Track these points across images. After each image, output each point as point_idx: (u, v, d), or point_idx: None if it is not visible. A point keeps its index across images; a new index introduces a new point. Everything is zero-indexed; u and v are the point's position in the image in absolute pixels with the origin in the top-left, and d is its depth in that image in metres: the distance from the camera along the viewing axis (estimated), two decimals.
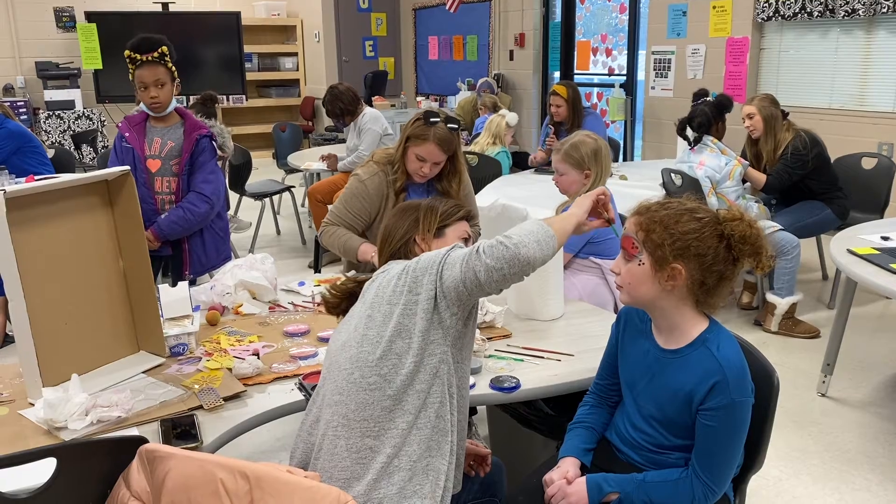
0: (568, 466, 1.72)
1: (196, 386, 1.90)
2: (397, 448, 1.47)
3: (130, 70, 3.15)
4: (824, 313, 4.26)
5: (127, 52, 3.09)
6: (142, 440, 1.42)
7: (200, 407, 1.80)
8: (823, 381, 3.34)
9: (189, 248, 3.38)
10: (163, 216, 3.27)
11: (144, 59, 3.11)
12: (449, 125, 2.72)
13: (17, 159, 4.07)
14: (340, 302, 1.75)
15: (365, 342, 1.52)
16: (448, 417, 1.51)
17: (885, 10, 5.10)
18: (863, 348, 3.80)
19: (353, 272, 2.89)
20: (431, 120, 2.70)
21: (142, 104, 3.20)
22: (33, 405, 1.78)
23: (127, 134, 3.18)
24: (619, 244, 1.67)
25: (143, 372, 2.01)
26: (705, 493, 1.58)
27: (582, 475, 1.70)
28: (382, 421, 1.48)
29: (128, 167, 2.02)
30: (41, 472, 1.36)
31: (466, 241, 1.80)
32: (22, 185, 1.86)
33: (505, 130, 5.60)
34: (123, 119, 3.30)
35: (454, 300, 1.49)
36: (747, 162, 4.23)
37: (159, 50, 3.13)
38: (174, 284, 2.27)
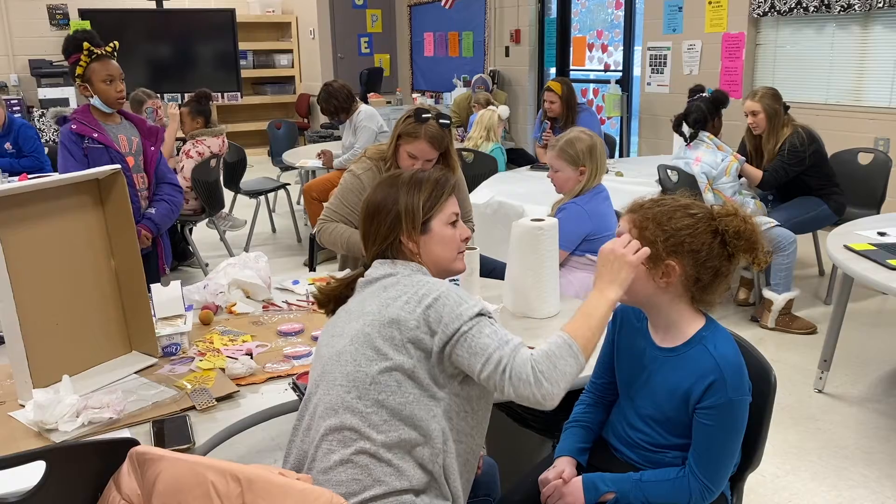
0: (564, 466, 1.70)
1: (189, 386, 1.88)
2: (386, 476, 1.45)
3: (83, 63, 3.05)
4: (821, 309, 4.25)
5: (86, 45, 3.02)
6: (132, 442, 1.41)
7: (193, 408, 1.78)
8: (820, 378, 3.33)
9: (163, 243, 3.39)
10: (152, 211, 3.25)
11: (102, 52, 3.06)
12: (440, 122, 2.71)
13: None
14: (329, 302, 1.72)
15: (363, 361, 1.49)
16: (438, 462, 1.48)
17: (880, 5, 5.09)
18: (860, 344, 3.80)
19: (347, 270, 2.88)
20: (423, 117, 2.69)
21: (96, 99, 3.12)
22: (24, 407, 1.76)
23: (96, 134, 3.12)
24: None
25: (136, 372, 1.99)
26: (702, 492, 1.57)
27: (578, 475, 1.69)
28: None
29: (118, 166, 2.00)
30: (31, 474, 1.34)
31: (455, 222, 1.68)
32: (12, 184, 1.84)
33: (497, 123, 5.58)
34: (74, 119, 3.15)
35: (456, 368, 1.48)
36: (744, 158, 4.22)
37: (113, 43, 3.09)
38: (152, 282, 2.25)
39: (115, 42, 3.08)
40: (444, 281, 1.56)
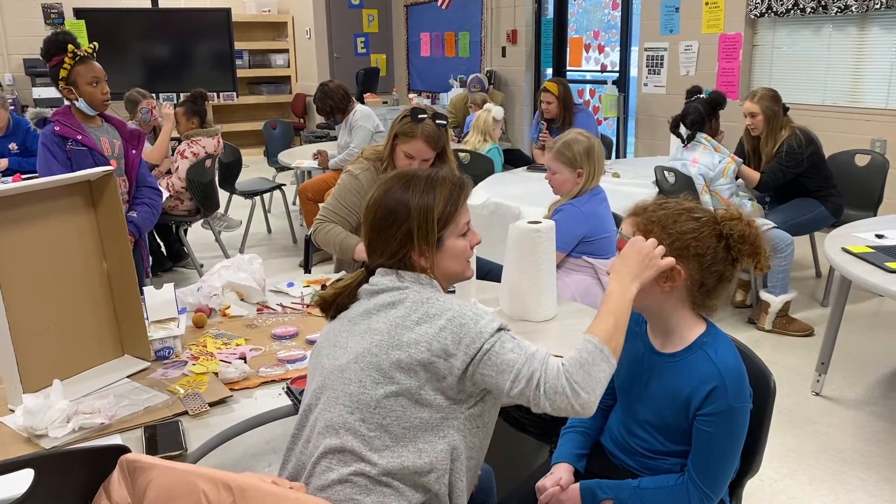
0: (561, 473, 1.68)
1: (181, 391, 1.86)
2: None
3: (67, 66, 3.00)
4: (818, 311, 4.24)
5: (70, 47, 2.98)
6: (123, 449, 1.38)
7: (185, 413, 1.76)
8: (818, 380, 3.31)
9: (144, 246, 3.38)
10: (134, 215, 3.24)
11: (84, 53, 3.03)
12: (437, 121, 2.69)
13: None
14: (331, 308, 1.63)
15: (368, 383, 1.44)
16: (444, 481, 1.44)
17: (877, 7, 5.08)
18: (857, 346, 3.79)
19: (343, 272, 2.85)
20: (419, 117, 2.67)
21: (81, 102, 3.08)
22: (13, 412, 1.74)
23: (79, 136, 3.08)
24: (613, 243, 1.63)
25: (128, 376, 1.96)
26: (701, 500, 1.55)
27: (576, 481, 1.67)
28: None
29: (111, 167, 1.98)
30: (18, 482, 1.32)
31: (466, 232, 1.61)
32: (2, 185, 1.82)
33: (493, 125, 5.55)
34: (56, 121, 3.09)
35: (479, 388, 1.45)
36: (741, 160, 4.21)
37: (93, 44, 3.06)
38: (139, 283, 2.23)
39: (96, 43, 3.05)
40: (453, 297, 1.51)
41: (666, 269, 1.52)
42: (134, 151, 3.26)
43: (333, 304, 1.61)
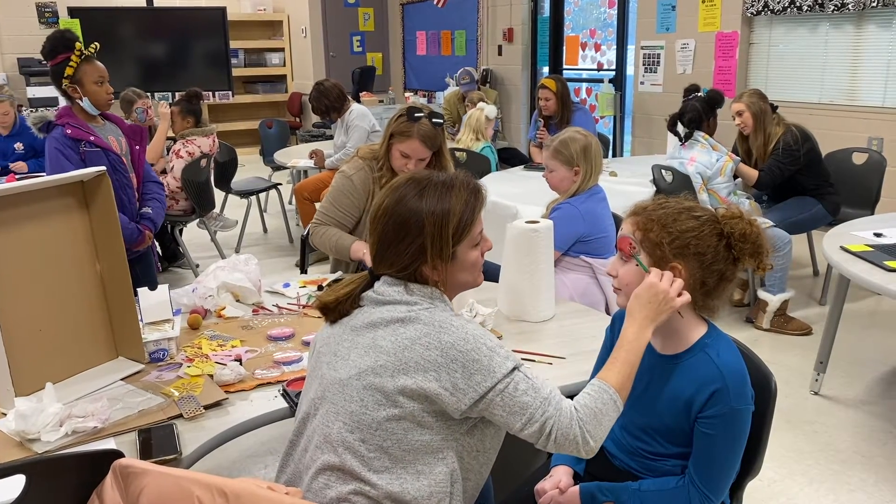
0: (560, 475, 1.67)
1: (176, 393, 1.84)
2: None
3: (73, 64, 2.99)
4: (816, 309, 4.24)
5: (78, 45, 2.97)
6: (116, 454, 1.36)
7: (180, 416, 1.74)
8: (816, 380, 3.30)
9: (153, 242, 3.39)
10: (149, 210, 3.24)
11: (88, 52, 3.03)
12: (433, 121, 2.67)
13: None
14: (333, 313, 1.56)
15: (370, 404, 1.40)
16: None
17: (874, 5, 5.08)
18: (855, 345, 3.78)
19: (339, 272, 2.84)
20: (415, 116, 2.66)
21: (85, 101, 3.06)
22: (5, 416, 1.71)
23: (92, 137, 3.06)
24: (612, 243, 1.61)
25: (122, 379, 1.94)
26: (702, 502, 1.53)
27: (575, 484, 1.65)
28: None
29: (104, 168, 1.95)
30: (9, 488, 1.30)
31: (478, 243, 1.56)
32: None
33: (485, 124, 5.53)
34: (66, 124, 3.05)
35: (481, 416, 1.42)
36: (738, 158, 4.20)
37: (95, 44, 3.06)
38: (151, 281, 2.21)
39: (97, 44, 3.05)
40: (469, 322, 1.45)
41: (666, 268, 1.51)
42: (138, 147, 3.26)
43: (335, 309, 1.54)
